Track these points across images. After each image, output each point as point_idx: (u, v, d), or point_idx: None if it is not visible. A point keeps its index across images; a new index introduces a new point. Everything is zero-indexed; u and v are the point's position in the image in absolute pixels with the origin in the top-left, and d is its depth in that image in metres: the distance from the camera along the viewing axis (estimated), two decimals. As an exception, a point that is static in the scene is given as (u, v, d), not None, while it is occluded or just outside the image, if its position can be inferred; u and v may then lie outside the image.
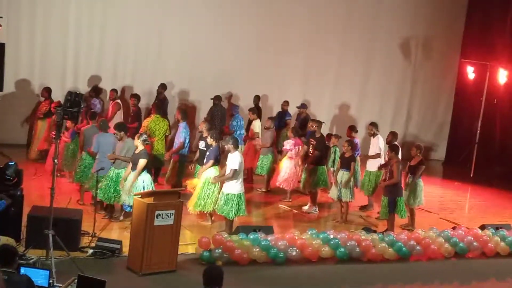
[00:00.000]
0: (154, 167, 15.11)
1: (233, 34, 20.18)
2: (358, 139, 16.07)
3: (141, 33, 19.40)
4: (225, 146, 12.96)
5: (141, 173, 12.46)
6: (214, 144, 13.44)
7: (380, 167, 14.99)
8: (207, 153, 13.48)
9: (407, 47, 22.55)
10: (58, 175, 14.94)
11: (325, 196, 15.91)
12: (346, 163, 14.52)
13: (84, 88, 18.32)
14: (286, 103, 18.79)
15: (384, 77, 22.40)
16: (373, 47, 22.00)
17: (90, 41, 18.96)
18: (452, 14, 22.93)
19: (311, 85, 21.35)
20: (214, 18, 19.95)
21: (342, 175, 14.52)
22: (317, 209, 15.31)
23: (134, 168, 12.52)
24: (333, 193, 14.76)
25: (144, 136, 12.85)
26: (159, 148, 15.20)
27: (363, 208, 15.69)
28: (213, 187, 13.22)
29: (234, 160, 12.70)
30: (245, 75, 20.32)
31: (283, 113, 18.70)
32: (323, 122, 16.49)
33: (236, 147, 12.94)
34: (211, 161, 13.34)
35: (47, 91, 17.22)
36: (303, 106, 18.68)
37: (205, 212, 13.39)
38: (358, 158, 15.58)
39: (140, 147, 12.58)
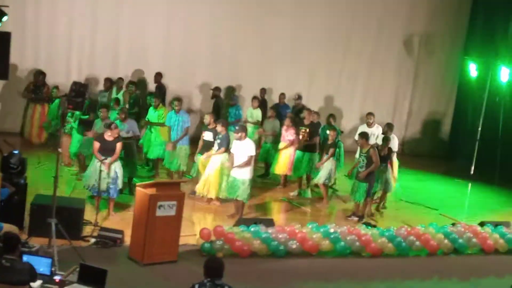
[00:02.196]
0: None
1: (236, 27, 20.21)
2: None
3: (145, 23, 19.44)
4: (237, 134, 13.23)
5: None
6: (224, 132, 13.84)
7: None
8: (218, 141, 13.86)
9: (410, 44, 22.57)
10: (62, 164, 15.03)
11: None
12: (328, 149, 15.11)
13: (88, 78, 18.38)
14: (283, 95, 18.92)
15: (387, 73, 22.42)
16: (376, 43, 22.02)
17: (95, 31, 18.98)
18: (456, 11, 22.94)
19: (314, 80, 21.38)
20: (218, 9, 19.98)
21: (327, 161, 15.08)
22: (295, 193, 15.93)
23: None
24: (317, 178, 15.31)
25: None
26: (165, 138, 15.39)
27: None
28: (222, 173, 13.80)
29: (251, 147, 13.18)
30: (248, 68, 20.36)
31: (281, 105, 18.77)
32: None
33: (246, 134, 13.37)
34: (223, 148, 13.76)
35: (44, 75, 17.45)
36: (300, 98, 18.80)
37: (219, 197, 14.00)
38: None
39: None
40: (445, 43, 22.93)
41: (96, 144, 12.64)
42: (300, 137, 15.65)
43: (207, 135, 14.36)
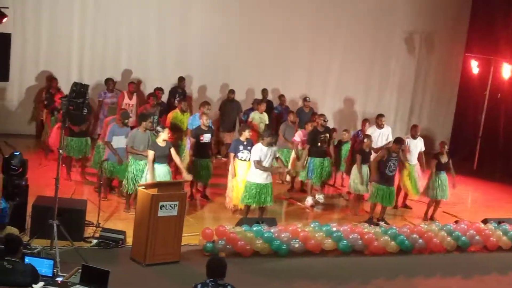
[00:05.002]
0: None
1: (236, 25, 20.12)
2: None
3: (145, 25, 19.38)
4: (272, 140, 13.12)
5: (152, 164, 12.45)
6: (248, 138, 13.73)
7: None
8: (249, 147, 13.45)
9: (411, 41, 22.53)
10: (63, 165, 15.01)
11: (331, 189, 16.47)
12: (368, 157, 14.72)
13: (89, 79, 18.35)
14: (283, 97, 18.85)
15: (388, 71, 22.38)
16: (377, 41, 21.96)
17: (96, 32, 18.95)
18: (457, 8, 22.89)
19: (314, 79, 21.32)
20: (216, 10, 19.94)
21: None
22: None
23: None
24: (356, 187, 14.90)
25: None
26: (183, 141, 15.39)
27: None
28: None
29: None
30: (247, 68, 20.28)
31: (284, 108, 18.70)
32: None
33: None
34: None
35: (56, 82, 17.28)
36: (308, 100, 18.68)
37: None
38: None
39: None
40: (447, 40, 22.87)
41: (151, 153, 12.34)
42: (322, 143, 15.19)
43: (206, 137, 14.15)
